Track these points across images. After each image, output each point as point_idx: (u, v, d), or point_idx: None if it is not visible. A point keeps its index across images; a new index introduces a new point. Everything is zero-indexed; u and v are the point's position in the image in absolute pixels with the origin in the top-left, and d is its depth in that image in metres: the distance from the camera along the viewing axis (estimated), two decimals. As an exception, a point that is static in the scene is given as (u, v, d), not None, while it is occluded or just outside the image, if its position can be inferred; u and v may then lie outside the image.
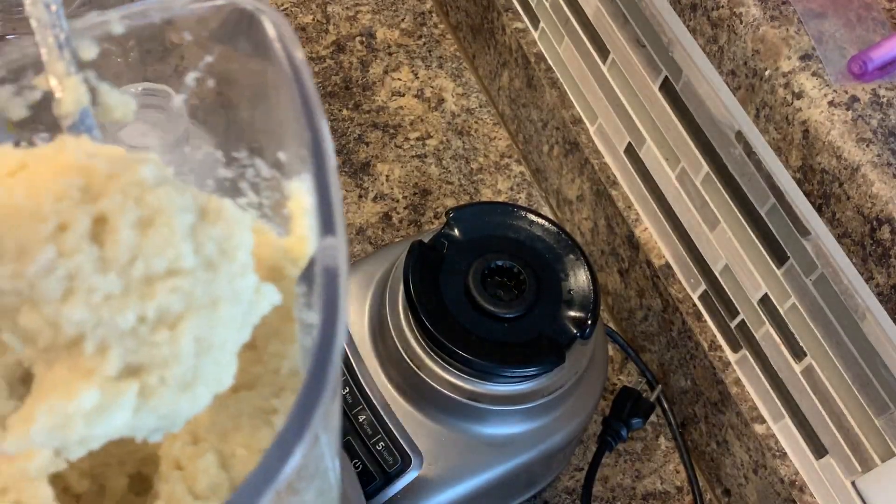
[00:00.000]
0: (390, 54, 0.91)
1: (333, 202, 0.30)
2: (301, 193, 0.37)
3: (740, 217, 0.65)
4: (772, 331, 0.65)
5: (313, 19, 0.92)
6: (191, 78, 0.38)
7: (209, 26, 0.35)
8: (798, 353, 0.63)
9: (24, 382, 0.34)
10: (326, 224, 0.30)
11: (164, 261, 0.30)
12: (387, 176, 0.83)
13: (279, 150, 0.38)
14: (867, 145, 0.50)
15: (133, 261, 0.30)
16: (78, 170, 0.31)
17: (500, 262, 0.61)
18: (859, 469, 0.61)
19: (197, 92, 0.38)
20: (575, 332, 0.59)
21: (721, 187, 0.66)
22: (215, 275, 0.31)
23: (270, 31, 0.34)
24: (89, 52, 0.36)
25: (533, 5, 0.83)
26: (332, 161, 0.32)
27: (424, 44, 0.93)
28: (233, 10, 0.34)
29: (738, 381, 0.69)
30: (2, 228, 0.30)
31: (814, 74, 0.53)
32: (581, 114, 0.80)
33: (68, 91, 0.35)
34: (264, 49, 0.34)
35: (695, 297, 0.72)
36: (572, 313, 0.60)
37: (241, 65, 0.36)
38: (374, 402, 0.61)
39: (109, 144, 0.33)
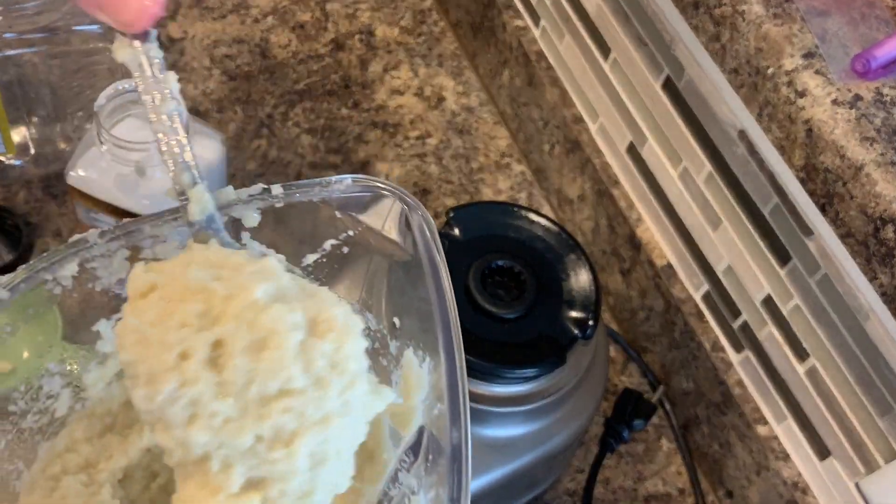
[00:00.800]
0: (390, 52, 0.91)
1: (461, 397, 0.35)
2: (415, 367, 0.41)
3: (743, 217, 0.64)
4: (775, 331, 0.64)
5: (312, 17, 0.92)
6: (328, 244, 0.44)
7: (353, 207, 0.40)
8: (801, 354, 0.63)
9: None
10: (455, 415, 0.35)
11: (277, 383, 0.34)
12: (386, 175, 0.83)
13: (394, 315, 0.42)
14: (871, 144, 0.50)
15: (248, 385, 0.34)
16: (199, 292, 0.35)
17: (500, 262, 0.61)
18: (863, 470, 0.60)
19: (329, 255, 0.43)
20: (576, 332, 0.59)
21: (723, 187, 0.65)
22: (326, 391, 0.35)
23: (413, 222, 0.40)
24: (251, 220, 0.41)
25: (534, 3, 0.83)
26: (461, 357, 0.36)
27: (424, 42, 0.92)
28: (393, 203, 0.40)
29: (740, 383, 0.68)
30: (135, 353, 0.34)
31: (817, 73, 0.53)
32: (582, 112, 0.80)
33: (194, 200, 0.39)
34: (400, 232, 0.40)
35: (697, 298, 0.71)
36: (573, 314, 0.60)
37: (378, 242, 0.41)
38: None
39: (235, 248, 0.38)
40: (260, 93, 0.86)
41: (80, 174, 0.63)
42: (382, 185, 0.41)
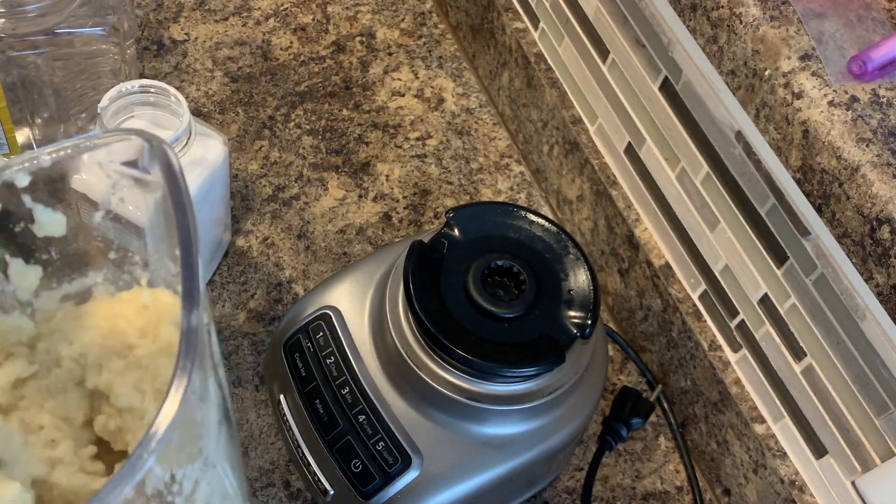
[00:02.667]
0: (390, 54, 0.91)
1: (195, 280, 0.36)
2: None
3: (740, 217, 0.65)
4: (772, 331, 0.65)
5: (313, 19, 0.92)
6: (105, 197, 0.46)
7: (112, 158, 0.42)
8: (798, 353, 0.63)
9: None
10: (190, 298, 0.36)
11: None
12: (387, 176, 0.83)
13: (174, 248, 0.43)
14: (867, 145, 0.51)
15: None
16: None
17: (500, 262, 0.61)
18: (859, 469, 0.61)
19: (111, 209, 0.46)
20: (575, 332, 0.59)
21: (721, 187, 0.66)
22: None
23: (156, 152, 0.41)
24: (23, 181, 0.42)
25: (533, 5, 0.83)
26: (196, 249, 0.38)
27: (424, 44, 0.93)
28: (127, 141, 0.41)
29: (737, 381, 0.69)
30: None
31: (814, 74, 0.53)
32: (581, 114, 0.80)
33: None
34: (151, 167, 0.41)
35: (695, 297, 0.72)
36: (572, 313, 0.60)
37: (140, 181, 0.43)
38: (374, 402, 0.61)
39: None
40: (262, 94, 0.86)
41: (83, 177, 0.63)
42: (127, 130, 0.42)
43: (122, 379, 0.43)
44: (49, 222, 0.45)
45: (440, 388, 0.59)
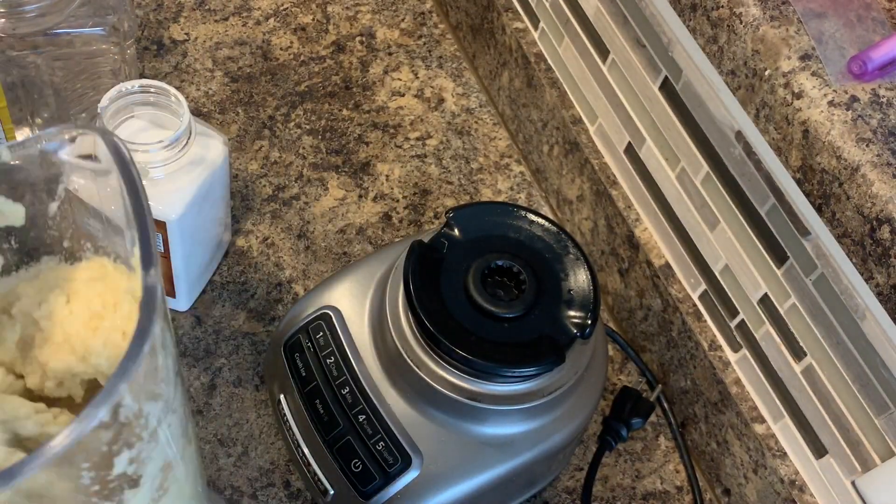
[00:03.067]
0: (390, 54, 0.91)
1: (149, 244, 0.43)
2: (137, 253, 0.47)
3: (740, 217, 0.65)
4: (772, 331, 0.65)
5: (313, 19, 0.92)
6: (60, 189, 0.49)
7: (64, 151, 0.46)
8: (798, 353, 0.63)
9: None
10: (146, 260, 0.42)
11: None
12: (387, 176, 0.83)
13: (127, 230, 0.49)
14: (867, 145, 0.51)
15: None
16: None
17: (500, 262, 0.61)
18: (859, 469, 0.61)
19: (66, 199, 0.50)
20: (575, 332, 0.59)
21: (721, 187, 0.66)
22: None
23: (106, 143, 0.45)
24: None
25: (533, 5, 0.83)
26: (149, 221, 0.43)
27: (424, 44, 0.93)
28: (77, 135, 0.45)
29: (737, 381, 0.69)
30: None
31: (814, 74, 0.53)
32: (581, 114, 0.80)
33: None
34: (102, 157, 0.46)
35: (695, 297, 0.72)
36: (572, 313, 0.60)
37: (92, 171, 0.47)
38: (374, 402, 0.61)
39: None
40: (262, 94, 0.86)
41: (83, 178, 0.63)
42: (76, 125, 0.46)
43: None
44: (10, 213, 0.48)
45: (440, 388, 0.59)
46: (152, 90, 0.64)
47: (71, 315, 0.50)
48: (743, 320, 0.67)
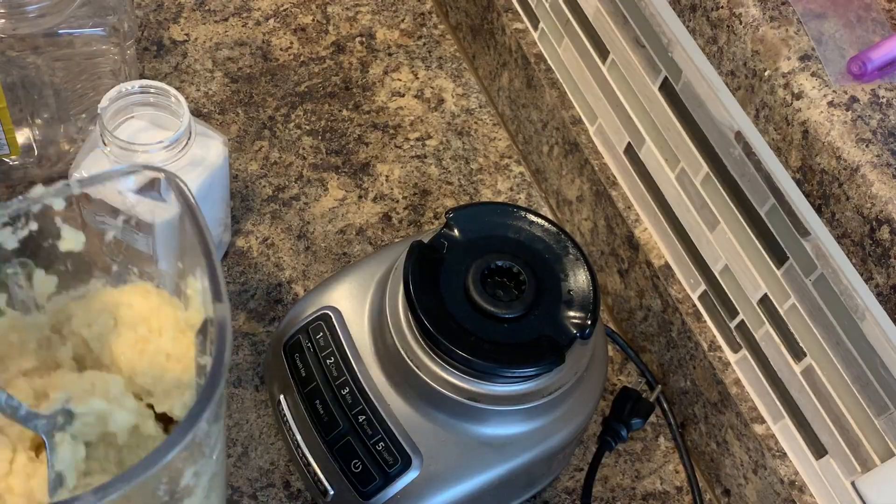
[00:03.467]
0: (390, 55, 0.91)
1: (219, 281, 0.47)
2: (194, 284, 0.53)
3: (740, 217, 0.65)
4: (771, 331, 0.65)
5: (313, 20, 0.92)
6: (120, 220, 0.55)
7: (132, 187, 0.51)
8: (798, 354, 0.63)
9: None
10: (217, 294, 0.46)
11: None
12: (387, 176, 0.83)
13: (178, 261, 0.55)
14: (867, 146, 0.51)
15: None
16: None
17: (499, 263, 0.61)
18: (859, 469, 0.61)
19: (123, 228, 0.56)
20: (575, 332, 0.59)
21: (721, 188, 0.66)
22: None
23: (171, 185, 0.50)
24: (59, 205, 0.51)
25: (533, 6, 0.83)
26: (215, 254, 0.48)
27: (424, 44, 0.93)
28: (147, 176, 0.51)
29: (737, 382, 0.69)
30: None
31: (813, 75, 0.53)
32: (581, 114, 0.80)
33: None
34: (166, 197, 0.51)
35: (694, 298, 0.72)
36: (572, 314, 0.60)
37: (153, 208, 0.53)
38: (374, 402, 0.61)
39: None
40: (262, 95, 0.86)
41: (83, 175, 0.63)
42: (146, 166, 0.51)
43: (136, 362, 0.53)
44: (72, 239, 0.53)
45: (440, 389, 0.59)
46: (152, 91, 0.64)
47: (119, 338, 0.53)
48: (743, 321, 0.67)
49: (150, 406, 0.53)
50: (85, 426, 0.50)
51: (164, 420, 0.53)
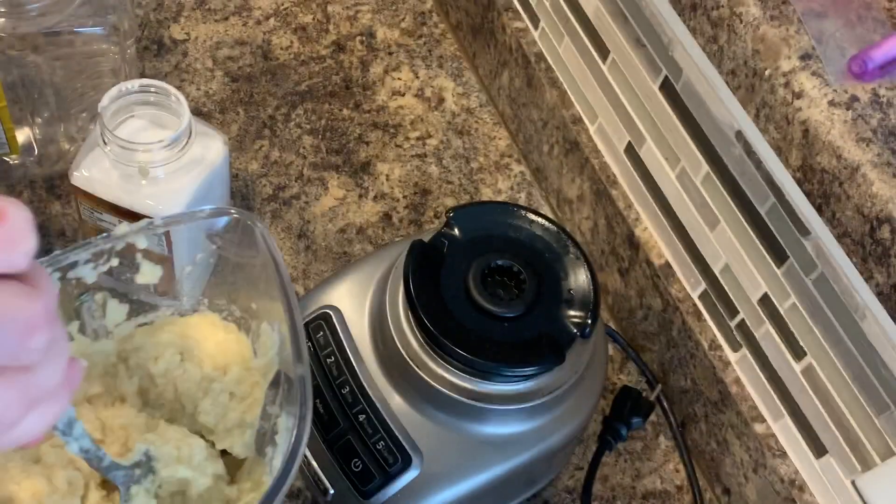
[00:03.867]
0: (390, 54, 0.91)
1: (301, 342, 0.50)
2: (269, 333, 0.55)
3: (740, 216, 0.65)
4: (772, 330, 0.65)
5: (313, 19, 0.92)
6: (198, 256, 0.58)
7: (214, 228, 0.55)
8: (798, 353, 0.63)
9: None
10: (298, 355, 0.49)
11: None
12: (387, 175, 0.83)
13: (251, 302, 0.57)
14: (867, 145, 0.51)
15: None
16: None
17: (500, 262, 0.61)
18: (859, 468, 0.61)
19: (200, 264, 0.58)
20: (575, 331, 0.59)
21: (721, 187, 0.66)
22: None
23: (257, 232, 0.53)
24: (143, 243, 0.54)
25: (533, 5, 0.83)
26: (299, 315, 0.51)
27: (424, 43, 0.93)
28: (234, 220, 0.54)
29: (737, 381, 0.69)
30: None
31: (814, 74, 0.53)
32: (581, 113, 0.80)
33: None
34: (250, 242, 0.54)
35: (695, 297, 0.72)
36: (572, 313, 0.60)
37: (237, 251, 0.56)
38: (374, 402, 0.61)
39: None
40: (262, 94, 0.86)
41: (83, 174, 0.63)
42: (233, 210, 0.54)
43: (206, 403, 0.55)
44: (149, 273, 0.56)
45: (440, 388, 0.59)
46: (152, 90, 0.64)
47: (185, 374, 0.55)
48: (743, 320, 0.67)
49: (211, 442, 0.54)
50: (163, 484, 0.51)
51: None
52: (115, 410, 0.54)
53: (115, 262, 0.53)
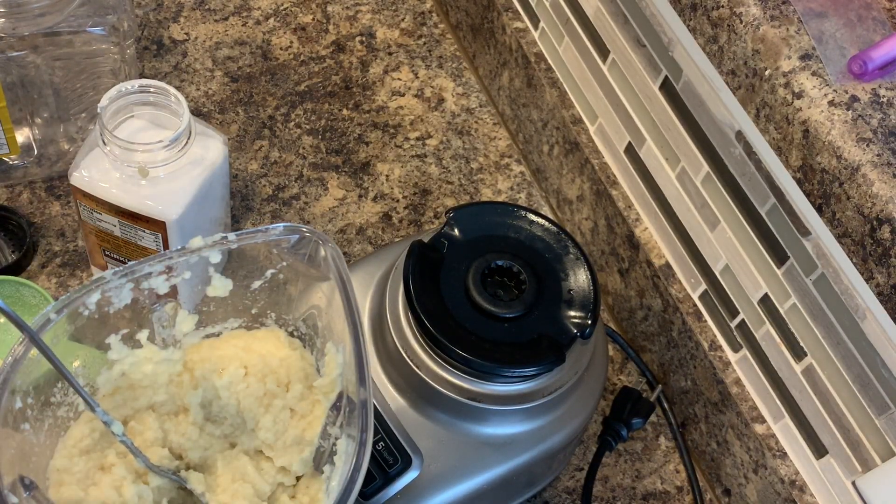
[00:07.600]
0: (390, 54, 0.91)
1: (366, 366, 0.51)
2: (333, 353, 0.55)
3: (740, 217, 0.65)
4: (772, 331, 0.65)
5: (313, 19, 0.92)
6: (268, 273, 0.58)
7: (285, 245, 0.55)
8: (798, 353, 0.63)
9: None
10: (362, 379, 0.51)
11: None
12: (387, 176, 0.83)
13: (318, 320, 0.58)
14: (867, 145, 0.51)
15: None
16: None
17: (500, 262, 0.61)
18: (859, 469, 0.61)
19: (270, 280, 0.58)
20: (575, 332, 0.59)
21: (721, 187, 0.66)
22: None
23: (327, 253, 0.54)
24: (216, 258, 0.55)
25: (533, 5, 0.83)
26: (364, 339, 0.52)
27: (424, 44, 0.93)
28: (304, 237, 0.55)
29: (738, 381, 0.69)
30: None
31: (814, 74, 0.53)
32: (581, 113, 0.80)
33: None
34: (319, 262, 0.55)
35: (695, 297, 0.72)
36: (572, 313, 0.60)
37: (304, 269, 0.56)
38: (375, 402, 0.61)
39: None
40: (262, 94, 0.86)
41: (83, 175, 0.63)
42: (304, 229, 0.55)
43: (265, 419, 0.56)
44: (220, 286, 0.57)
45: (440, 388, 0.59)
46: (152, 90, 0.64)
47: (248, 388, 0.55)
48: (743, 320, 0.67)
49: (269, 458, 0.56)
50: None
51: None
52: (177, 424, 0.55)
53: (186, 275, 0.54)
